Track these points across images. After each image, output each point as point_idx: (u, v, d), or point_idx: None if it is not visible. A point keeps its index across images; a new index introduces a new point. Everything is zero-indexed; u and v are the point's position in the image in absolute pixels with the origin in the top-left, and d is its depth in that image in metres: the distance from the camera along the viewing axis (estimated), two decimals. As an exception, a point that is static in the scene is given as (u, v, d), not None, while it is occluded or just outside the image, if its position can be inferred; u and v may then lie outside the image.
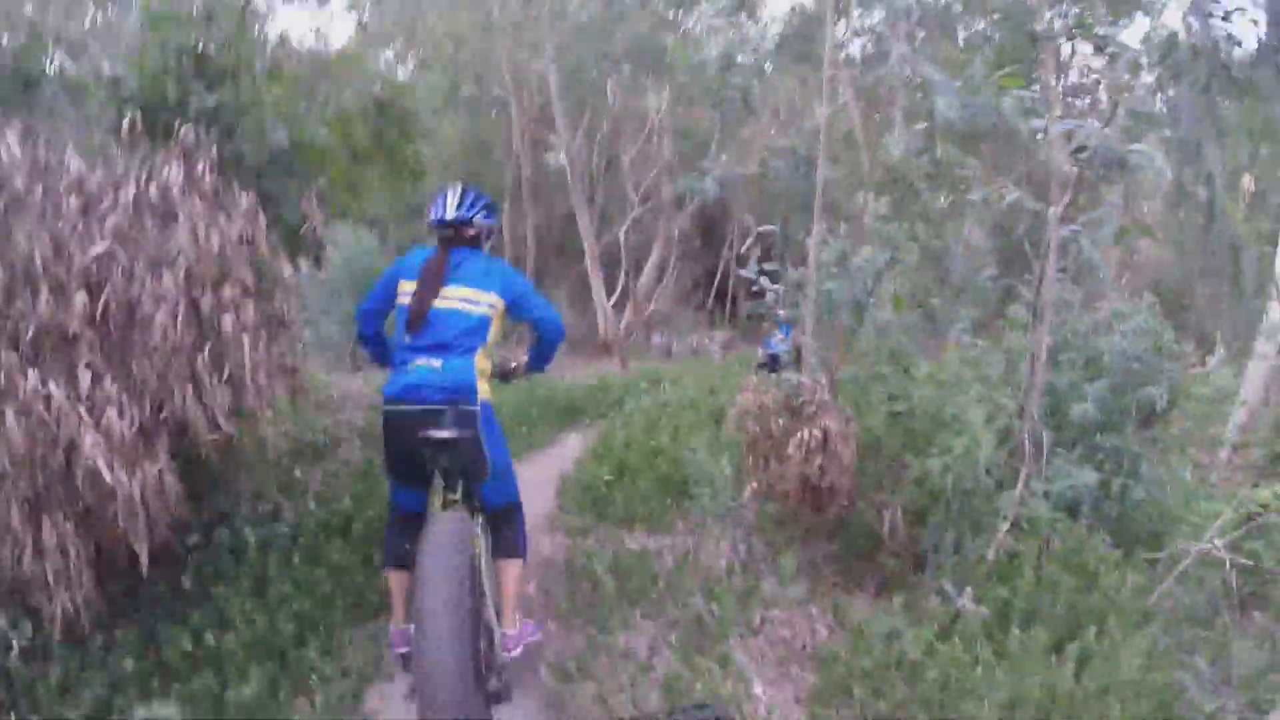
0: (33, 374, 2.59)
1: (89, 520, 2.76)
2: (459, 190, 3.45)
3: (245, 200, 3.35)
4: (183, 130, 3.40)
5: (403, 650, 3.29)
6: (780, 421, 4.64)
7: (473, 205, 3.40)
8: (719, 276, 23.87)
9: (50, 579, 2.75)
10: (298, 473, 5.75)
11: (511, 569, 3.41)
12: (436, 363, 3.09)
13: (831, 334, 5.25)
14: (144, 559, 2.89)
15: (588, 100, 20.69)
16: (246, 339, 3.10)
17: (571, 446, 7.71)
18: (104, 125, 4.06)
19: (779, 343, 12.79)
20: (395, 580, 3.33)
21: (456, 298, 3.22)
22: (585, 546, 4.97)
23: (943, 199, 6.54)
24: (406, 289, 3.26)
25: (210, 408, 3.03)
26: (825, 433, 4.35)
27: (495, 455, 3.23)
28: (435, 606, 2.54)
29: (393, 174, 6.19)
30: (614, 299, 19.62)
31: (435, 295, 3.19)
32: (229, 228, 3.12)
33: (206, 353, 3.03)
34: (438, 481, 3.17)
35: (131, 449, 2.76)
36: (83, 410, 2.63)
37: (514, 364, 3.75)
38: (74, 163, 2.96)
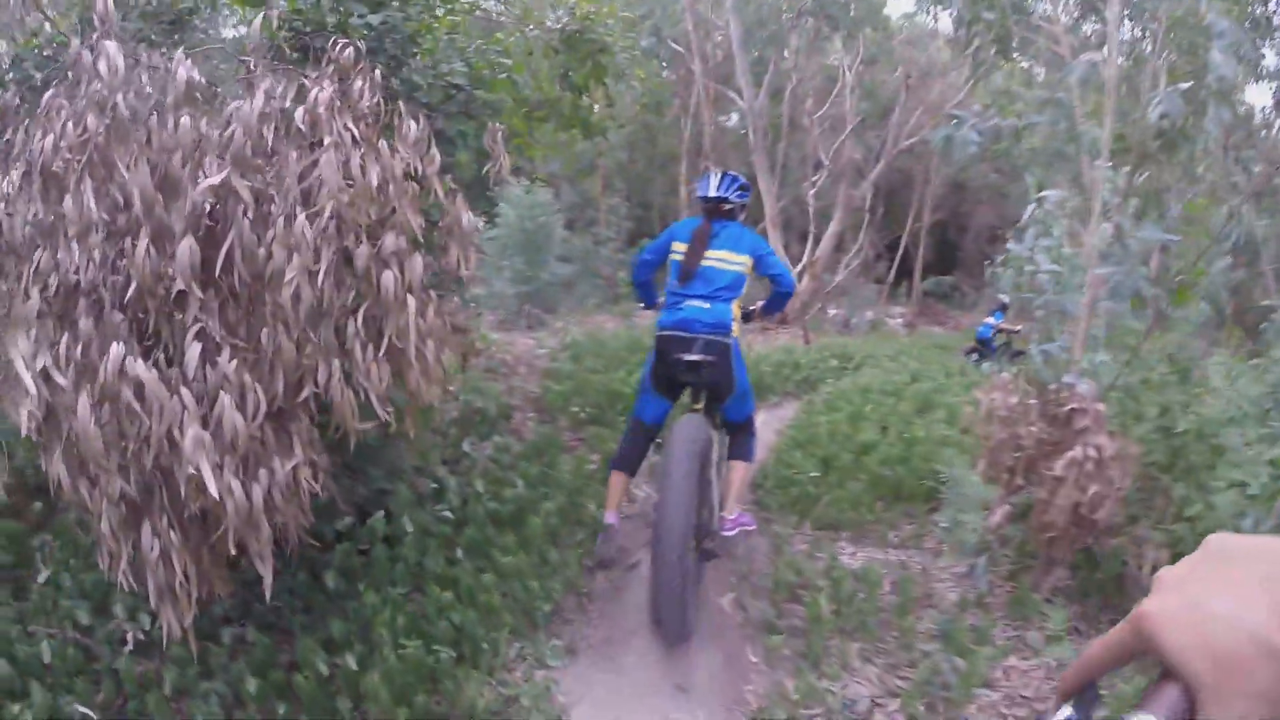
0: (117, 348, 2.01)
1: (202, 526, 2.19)
2: (720, 174, 4.25)
3: (414, 128, 2.66)
4: (338, 47, 2.76)
5: (610, 523, 3.97)
6: (1032, 430, 3.76)
7: (729, 187, 4.19)
8: (901, 250, 22.43)
9: (152, 594, 2.20)
10: (466, 446, 5.23)
11: (738, 468, 4.23)
12: (705, 304, 3.92)
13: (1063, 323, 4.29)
14: (268, 579, 2.29)
15: (769, 56, 19.65)
16: (412, 302, 2.44)
17: (762, 427, 6.84)
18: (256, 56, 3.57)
19: (991, 328, 11.71)
20: (617, 479, 4.11)
21: (718, 258, 4.02)
22: (791, 558, 4.21)
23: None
24: (679, 249, 4.10)
25: (362, 388, 2.40)
26: (1100, 453, 3.44)
27: (740, 380, 4.05)
28: (676, 472, 3.30)
29: (568, 126, 5.53)
30: (796, 268, 18.60)
31: (702, 256, 4.01)
32: (392, 161, 2.45)
33: (360, 319, 2.40)
34: (686, 399, 4.10)
35: (255, 444, 2.16)
36: (187, 395, 2.04)
37: (753, 308, 4.44)
38: (183, 70, 2.26)
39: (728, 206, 4.16)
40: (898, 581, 3.96)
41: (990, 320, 11.83)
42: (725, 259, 4.01)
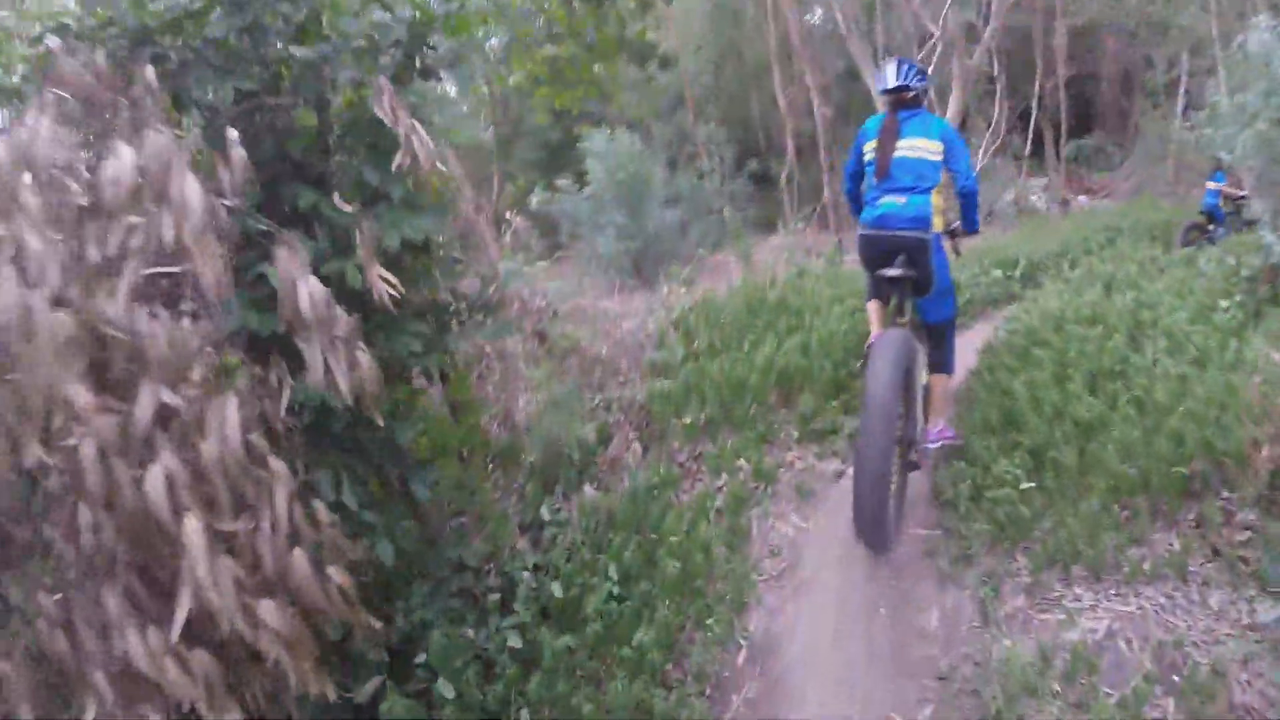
0: None
1: None
2: (896, 63, 4.05)
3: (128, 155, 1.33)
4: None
5: (874, 343, 3.70)
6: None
7: (908, 74, 3.97)
8: (1033, 117, 19.90)
9: None
10: (545, 511, 3.99)
11: (939, 382, 4.12)
12: (902, 199, 3.79)
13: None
14: None
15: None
16: (195, 530, 1.15)
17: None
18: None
19: (1217, 194, 9.82)
20: (873, 307, 4.14)
21: (910, 146, 3.86)
22: (1006, 636, 2.81)
23: None
24: (870, 147, 3.97)
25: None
26: None
27: (940, 276, 3.85)
28: (878, 385, 3.25)
29: (604, 56, 4.17)
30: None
31: (893, 149, 3.87)
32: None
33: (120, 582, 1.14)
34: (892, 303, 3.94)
35: None
36: None
37: (954, 227, 4.22)
38: None
39: (911, 94, 3.98)
40: (1174, 670, 2.52)
41: (1213, 184, 9.88)
42: (917, 146, 3.85)
